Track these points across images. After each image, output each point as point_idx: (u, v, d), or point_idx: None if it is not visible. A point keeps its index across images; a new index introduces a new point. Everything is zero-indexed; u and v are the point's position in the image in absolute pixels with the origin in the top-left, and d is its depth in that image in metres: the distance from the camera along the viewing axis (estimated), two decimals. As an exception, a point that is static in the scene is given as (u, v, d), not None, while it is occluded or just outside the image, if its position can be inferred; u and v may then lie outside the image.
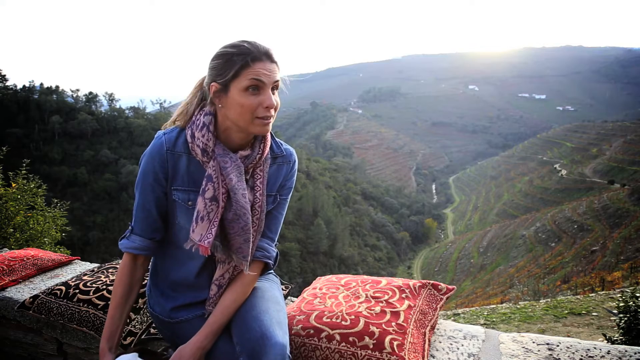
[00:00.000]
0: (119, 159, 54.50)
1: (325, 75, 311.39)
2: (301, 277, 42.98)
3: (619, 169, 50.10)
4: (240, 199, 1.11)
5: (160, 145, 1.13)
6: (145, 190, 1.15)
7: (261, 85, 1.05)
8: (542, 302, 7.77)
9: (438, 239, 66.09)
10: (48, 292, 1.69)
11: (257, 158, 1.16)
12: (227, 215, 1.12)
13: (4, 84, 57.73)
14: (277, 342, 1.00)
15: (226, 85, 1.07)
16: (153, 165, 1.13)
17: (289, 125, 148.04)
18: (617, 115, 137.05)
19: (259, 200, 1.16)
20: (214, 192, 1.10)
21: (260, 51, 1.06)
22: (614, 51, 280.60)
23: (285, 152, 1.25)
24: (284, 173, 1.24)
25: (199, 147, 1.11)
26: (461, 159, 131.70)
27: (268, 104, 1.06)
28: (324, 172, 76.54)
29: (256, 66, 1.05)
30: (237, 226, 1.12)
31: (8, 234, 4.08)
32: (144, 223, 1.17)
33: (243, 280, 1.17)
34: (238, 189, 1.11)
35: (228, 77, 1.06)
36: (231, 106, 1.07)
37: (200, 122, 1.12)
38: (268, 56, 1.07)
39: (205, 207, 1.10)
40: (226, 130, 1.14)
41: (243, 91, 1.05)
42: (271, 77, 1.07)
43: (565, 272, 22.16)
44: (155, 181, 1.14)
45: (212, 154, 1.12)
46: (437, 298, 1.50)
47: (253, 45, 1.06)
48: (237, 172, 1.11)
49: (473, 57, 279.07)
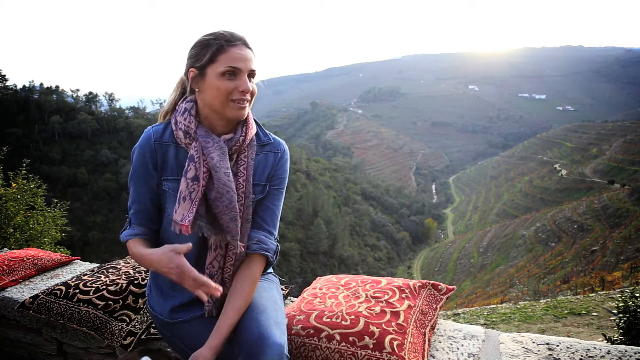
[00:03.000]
0: (119, 159, 54.50)
1: (325, 75, 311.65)
2: (301, 277, 42.93)
3: (619, 169, 50.08)
4: (223, 177, 1.11)
5: (149, 137, 1.16)
6: (138, 182, 1.17)
7: (237, 71, 1.08)
8: (542, 302, 7.77)
9: (438, 239, 66.06)
10: (48, 292, 1.69)
11: (240, 141, 1.16)
12: (210, 194, 1.13)
13: (4, 84, 57.71)
14: (275, 342, 1.00)
15: (203, 69, 1.10)
16: (143, 157, 1.15)
17: (289, 125, 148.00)
18: (617, 115, 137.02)
19: (242, 186, 1.17)
20: (196, 172, 1.11)
21: (235, 37, 1.10)
22: (614, 51, 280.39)
23: (273, 140, 1.27)
24: (271, 162, 1.24)
25: (181, 130, 1.14)
26: (461, 159, 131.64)
27: (244, 88, 1.09)
28: (324, 172, 76.55)
29: (232, 51, 1.08)
30: (222, 205, 1.12)
31: (8, 234, 4.07)
32: (140, 215, 1.18)
33: (249, 276, 1.15)
34: (220, 167, 1.11)
35: (204, 61, 1.09)
36: (208, 90, 1.10)
37: (182, 109, 1.16)
38: (244, 43, 1.11)
39: (187, 187, 1.10)
40: (208, 117, 1.16)
41: (220, 76, 1.08)
42: (247, 63, 1.09)
43: (565, 272, 22.15)
44: (147, 172, 1.16)
45: (195, 135, 1.13)
46: (437, 298, 1.50)
47: (229, 33, 1.10)
48: (220, 152, 1.12)
49: (473, 57, 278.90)
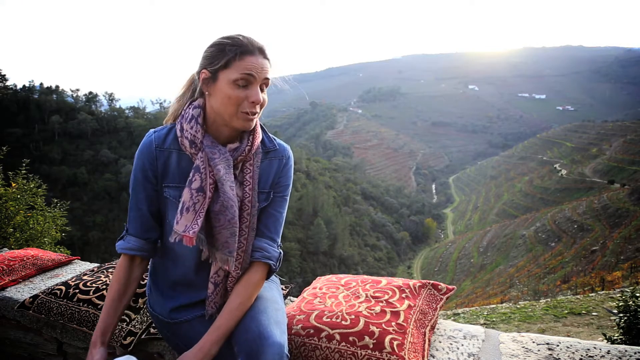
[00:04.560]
0: (118, 159, 54.53)
1: (325, 75, 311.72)
2: (301, 277, 42.97)
3: (619, 168, 50.09)
4: (228, 191, 1.09)
5: (150, 143, 1.14)
6: (136, 189, 1.15)
7: (251, 80, 1.06)
8: (542, 302, 7.78)
9: (438, 239, 66.07)
10: (48, 291, 1.69)
11: (246, 151, 1.14)
12: (214, 207, 1.10)
13: (4, 84, 57.74)
14: (275, 342, 0.99)
15: (215, 74, 1.07)
16: (142, 163, 1.13)
17: (289, 125, 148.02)
18: (617, 115, 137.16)
19: (248, 195, 1.15)
20: (201, 183, 1.09)
21: (253, 45, 1.07)
22: (614, 51, 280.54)
23: (278, 146, 1.23)
24: (275, 168, 1.21)
25: (187, 139, 1.11)
26: (461, 159, 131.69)
27: (254, 99, 1.06)
28: (324, 172, 76.57)
29: (248, 60, 1.05)
30: (224, 219, 1.10)
31: (8, 234, 4.07)
32: (137, 222, 1.16)
33: (248, 282, 1.14)
34: (226, 180, 1.09)
35: (218, 66, 1.06)
36: (218, 96, 1.07)
37: (188, 115, 1.12)
38: (261, 52, 1.08)
39: (192, 198, 1.08)
40: (214, 123, 1.13)
41: (231, 83, 1.05)
42: (261, 73, 1.07)
43: (565, 272, 22.15)
44: (145, 179, 1.14)
45: (201, 145, 1.11)
46: (437, 298, 1.50)
47: (248, 39, 1.07)
48: (225, 164, 1.10)
49: (473, 57, 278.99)
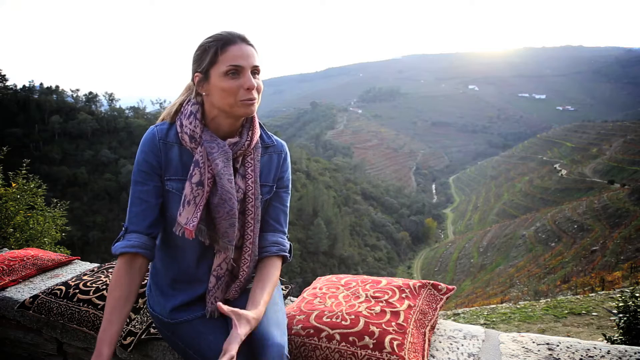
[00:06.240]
0: (119, 159, 54.49)
1: (325, 75, 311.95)
2: (301, 277, 42.93)
3: (619, 168, 50.11)
4: (226, 184, 1.12)
5: (153, 136, 1.15)
6: (142, 181, 1.15)
7: (239, 69, 1.08)
8: (542, 302, 7.77)
9: (438, 239, 66.04)
10: (48, 292, 1.69)
11: (245, 145, 1.17)
12: (212, 199, 1.13)
13: (4, 84, 57.74)
14: (275, 343, 1.00)
15: (207, 73, 1.10)
16: (147, 155, 1.14)
17: (289, 125, 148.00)
18: (617, 115, 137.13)
19: (251, 187, 1.18)
20: (200, 177, 1.11)
21: (233, 35, 1.10)
22: (614, 51, 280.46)
23: (276, 142, 1.28)
24: (275, 163, 1.26)
25: (186, 134, 1.14)
26: (461, 159, 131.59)
27: (249, 85, 1.08)
28: (324, 172, 76.55)
29: (231, 50, 1.08)
30: (223, 210, 1.13)
31: (8, 234, 4.07)
32: (140, 217, 1.14)
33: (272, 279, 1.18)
34: (224, 174, 1.12)
35: (206, 64, 1.09)
36: (214, 92, 1.10)
37: (187, 111, 1.16)
38: (243, 39, 1.10)
39: (192, 192, 1.11)
40: (215, 119, 1.16)
41: (223, 76, 1.08)
42: (249, 60, 1.09)
43: (565, 272, 22.13)
44: (152, 169, 1.15)
45: (200, 139, 1.13)
46: (437, 298, 1.50)
47: (227, 32, 1.11)
48: (224, 158, 1.12)
49: (473, 57, 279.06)
